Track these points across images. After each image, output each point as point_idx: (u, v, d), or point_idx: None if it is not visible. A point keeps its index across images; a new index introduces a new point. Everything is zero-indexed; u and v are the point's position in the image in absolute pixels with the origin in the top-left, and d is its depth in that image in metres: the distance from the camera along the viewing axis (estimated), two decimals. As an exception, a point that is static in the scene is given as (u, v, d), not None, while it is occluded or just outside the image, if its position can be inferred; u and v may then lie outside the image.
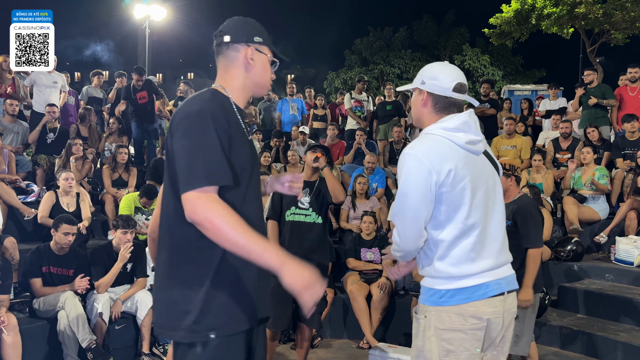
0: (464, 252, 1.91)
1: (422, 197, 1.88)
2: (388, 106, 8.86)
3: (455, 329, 1.91)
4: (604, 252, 5.82)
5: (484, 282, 1.91)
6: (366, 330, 4.84)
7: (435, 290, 1.95)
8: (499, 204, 2.03)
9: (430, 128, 1.99)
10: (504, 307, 1.96)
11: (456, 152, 1.91)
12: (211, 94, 1.73)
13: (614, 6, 15.84)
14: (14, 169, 6.24)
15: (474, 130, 1.96)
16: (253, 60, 1.80)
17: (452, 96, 1.99)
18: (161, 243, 1.74)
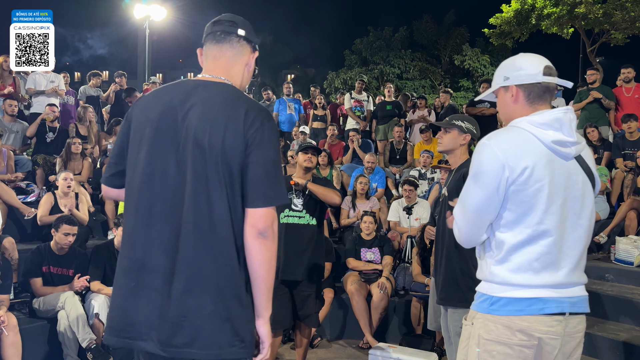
0: (527, 260, 1.71)
1: (489, 193, 1.71)
2: (388, 106, 8.87)
3: (501, 341, 1.72)
4: (604, 252, 5.82)
5: (543, 296, 1.70)
6: (366, 330, 4.84)
7: (488, 296, 1.77)
8: (584, 219, 1.79)
9: (517, 120, 1.80)
10: (564, 330, 1.73)
11: (538, 150, 1.71)
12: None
13: (614, 6, 15.85)
14: (12, 168, 6.24)
15: (567, 130, 1.74)
16: (250, 65, 1.84)
17: (544, 81, 1.80)
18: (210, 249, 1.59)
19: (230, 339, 1.56)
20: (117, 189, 1.77)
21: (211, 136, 1.58)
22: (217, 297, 1.56)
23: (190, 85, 1.72)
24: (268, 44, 37.32)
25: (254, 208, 1.58)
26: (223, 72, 1.76)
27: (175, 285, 1.56)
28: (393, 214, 6.06)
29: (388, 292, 4.98)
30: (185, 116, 1.63)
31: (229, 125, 1.59)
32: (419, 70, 30.16)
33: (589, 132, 6.97)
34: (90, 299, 4.37)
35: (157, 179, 1.61)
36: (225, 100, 1.65)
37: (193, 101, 1.65)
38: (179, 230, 1.58)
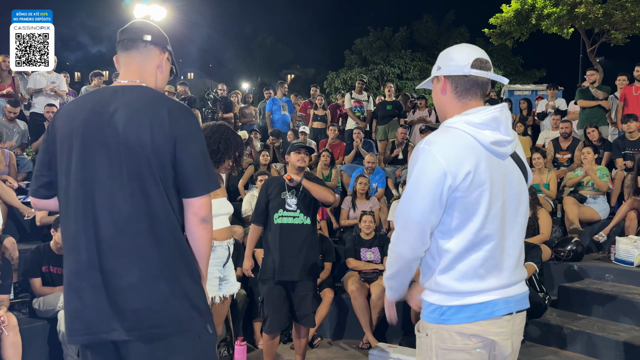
0: (471, 267, 1.68)
1: (431, 200, 1.64)
2: (388, 106, 8.86)
3: (458, 349, 1.70)
4: (604, 252, 5.82)
5: (492, 299, 1.69)
6: (366, 330, 4.84)
7: (437, 306, 1.72)
8: (521, 216, 1.78)
9: (452, 120, 1.73)
10: (512, 329, 1.75)
11: (478, 153, 1.66)
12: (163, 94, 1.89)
13: (614, 6, 15.86)
14: (15, 169, 6.22)
15: (504, 128, 1.70)
16: (162, 66, 1.95)
17: (471, 74, 1.72)
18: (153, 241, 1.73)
19: (189, 312, 1.74)
20: (45, 200, 1.87)
21: (140, 137, 1.70)
22: (171, 281, 1.72)
23: (109, 92, 1.82)
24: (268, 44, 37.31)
25: (193, 198, 1.76)
26: (136, 76, 1.88)
27: (131, 279, 1.68)
28: (393, 214, 6.06)
29: (388, 292, 4.98)
30: (110, 121, 1.72)
31: (155, 125, 1.71)
32: (419, 70, 30.17)
33: (589, 132, 6.97)
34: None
35: (92, 184, 1.71)
36: (147, 102, 1.77)
37: (115, 106, 1.75)
38: (122, 229, 1.69)
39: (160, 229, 1.72)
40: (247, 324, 4.97)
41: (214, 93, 9.81)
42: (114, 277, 1.68)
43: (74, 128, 1.75)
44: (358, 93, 9.18)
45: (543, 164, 6.62)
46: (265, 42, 37.58)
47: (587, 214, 6.05)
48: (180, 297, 1.73)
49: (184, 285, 1.75)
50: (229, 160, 3.16)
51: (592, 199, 6.14)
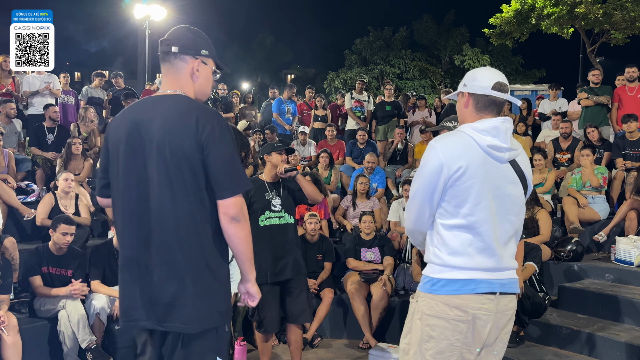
0: (461, 245, 1.99)
1: (429, 187, 2.00)
2: (388, 106, 8.86)
3: (439, 316, 2.00)
4: (604, 252, 5.81)
5: (476, 278, 1.99)
6: (366, 330, 4.84)
7: (430, 278, 2.05)
8: (513, 215, 2.08)
9: (463, 125, 2.09)
10: (496, 307, 2.01)
11: (474, 152, 2.00)
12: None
13: (614, 6, 15.87)
14: (14, 169, 6.23)
15: (503, 137, 2.02)
16: (198, 71, 2.01)
17: (491, 94, 2.06)
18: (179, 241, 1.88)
19: (210, 310, 1.90)
20: (107, 199, 2.10)
21: (171, 145, 1.85)
22: (194, 279, 1.88)
23: (150, 102, 1.99)
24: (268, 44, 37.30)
25: (223, 199, 1.87)
26: (173, 86, 2.00)
27: (158, 275, 1.87)
28: (393, 214, 6.06)
29: (388, 292, 4.98)
30: (147, 130, 1.90)
31: (185, 132, 1.85)
32: (419, 70, 30.17)
33: (589, 132, 6.96)
34: (91, 299, 4.36)
35: (134, 188, 1.91)
36: (178, 111, 1.90)
37: (152, 115, 1.91)
38: (152, 229, 1.88)
39: (184, 231, 1.86)
40: (248, 323, 4.96)
41: (214, 93, 9.81)
42: (147, 272, 1.89)
43: (120, 137, 1.95)
44: (358, 93, 9.17)
45: (544, 164, 6.63)
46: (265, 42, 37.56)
47: (587, 214, 6.05)
48: (202, 296, 1.88)
49: (206, 285, 1.89)
50: None
51: (592, 199, 6.14)
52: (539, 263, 4.77)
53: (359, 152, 7.84)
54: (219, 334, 1.95)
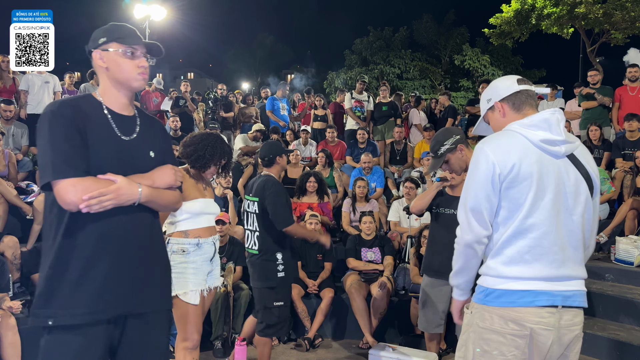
0: (518, 253, 1.83)
1: (484, 189, 1.85)
2: (384, 107, 8.87)
3: (495, 330, 1.84)
4: (604, 252, 5.81)
5: (535, 289, 1.80)
6: (366, 330, 4.83)
7: (484, 288, 1.90)
8: (577, 215, 1.89)
9: (510, 124, 1.94)
10: (559, 323, 1.82)
11: (526, 149, 1.85)
12: (75, 98, 1.94)
13: (614, 6, 15.87)
14: (15, 168, 6.21)
15: (555, 129, 1.86)
16: (103, 60, 1.94)
17: (521, 88, 1.96)
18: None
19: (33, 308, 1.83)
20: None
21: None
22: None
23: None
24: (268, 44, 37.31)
25: (50, 190, 1.81)
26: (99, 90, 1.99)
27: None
28: (393, 214, 6.06)
29: (388, 292, 4.97)
30: None
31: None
32: (419, 70, 30.18)
33: (591, 130, 6.95)
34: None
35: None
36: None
37: None
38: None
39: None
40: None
41: (214, 93, 9.82)
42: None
43: None
44: (358, 93, 9.18)
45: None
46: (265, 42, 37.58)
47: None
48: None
49: (39, 280, 1.87)
50: (214, 166, 3.36)
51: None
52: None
53: (359, 152, 7.85)
54: (44, 336, 1.81)
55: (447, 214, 3.59)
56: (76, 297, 1.78)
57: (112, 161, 1.84)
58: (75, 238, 1.79)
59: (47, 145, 1.76)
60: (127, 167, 1.87)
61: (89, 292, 1.79)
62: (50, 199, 1.82)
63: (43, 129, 1.79)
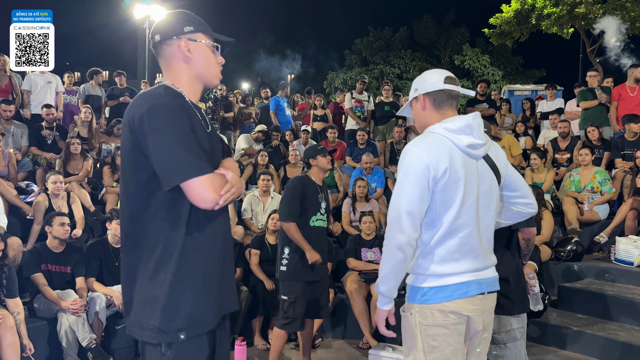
0: (448, 252, 1.94)
1: (418, 191, 1.89)
2: (386, 107, 8.87)
3: (438, 324, 1.96)
4: (604, 252, 5.81)
5: (466, 281, 1.95)
6: (366, 331, 4.83)
7: (419, 288, 2.00)
8: (492, 210, 2.06)
9: (433, 127, 2.01)
10: (484, 307, 2.02)
11: (454, 153, 1.93)
12: (164, 89, 1.73)
13: (614, 6, 15.86)
14: (14, 168, 6.21)
15: (477, 133, 1.98)
16: (190, 51, 1.78)
17: (445, 88, 2.03)
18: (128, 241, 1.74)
19: (146, 322, 1.66)
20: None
21: (122, 141, 1.74)
22: (136, 284, 1.70)
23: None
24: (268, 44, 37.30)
25: (169, 188, 1.65)
26: (166, 78, 1.82)
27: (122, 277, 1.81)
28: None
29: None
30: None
31: (125, 127, 1.69)
32: (419, 70, 30.12)
33: (589, 131, 6.95)
34: (90, 298, 4.37)
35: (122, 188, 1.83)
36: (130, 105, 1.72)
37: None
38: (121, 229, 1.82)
39: (130, 231, 1.72)
40: (247, 323, 4.96)
41: (214, 93, 9.82)
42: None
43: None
44: (359, 93, 9.18)
45: (542, 164, 6.62)
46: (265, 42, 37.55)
47: (587, 214, 6.05)
48: (141, 303, 1.67)
49: (145, 293, 1.67)
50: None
51: (591, 200, 6.13)
52: (538, 262, 4.77)
53: (359, 152, 7.84)
54: (164, 354, 1.64)
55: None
56: (204, 301, 1.69)
57: (208, 155, 1.73)
58: (197, 239, 1.68)
59: (172, 141, 1.59)
60: (215, 161, 1.79)
61: (214, 293, 1.72)
62: (161, 200, 1.65)
63: (160, 123, 1.61)
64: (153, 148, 1.59)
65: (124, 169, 1.73)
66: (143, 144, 1.62)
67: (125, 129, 1.68)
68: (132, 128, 1.64)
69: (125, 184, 1.73)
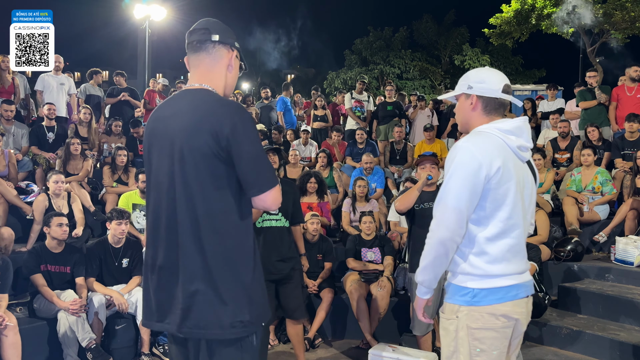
0: (501, 251, 1.92)
1: (469, 188, 1.89)
2: (389, 106, 8.87)
3: (488, 327, 1.92)
4: (604, 252, 5.82)
5: (515, 283, 1.94)
6: (366, 331, 4.83)
7: (469, 289, 1.94)
8: (530, 214, 2.07)
9: (483, 127, 2.02)
10: (527, 310, 2.02)
11: (507, 153, 1.94)
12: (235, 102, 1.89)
13: (614, 6, 15.86)
14: (15, 168, 6.21)
15: (526, 136, 2.01)
16: (231, 66, 1.92)
17: (501, 97, 2.03)
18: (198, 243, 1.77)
19: (231, 318, 1.76)
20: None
21: (189, 143, 1.75)
22: (214, 284, 1.76)
23: (177, 97, 1.89)
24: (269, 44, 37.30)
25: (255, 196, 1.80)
26: (203, 79, 1.88)
27: (180, 277, 1.79)
28: (393, 214, 6.05)
29: (388, 292, 4.97)
30: (168, 127, 1.82)
31: (201, 129, 1.73)
32: (419, 70, 30.17)
33: (589, 131, 6.95)
34: (90, 298, 4.37)
35: (162, 187, 1.84)
36: (196, 106, 1.79)
37: (175, 110, 1.83)
38: (177, 230, 1.79)
39: (204, 233, 1.76)
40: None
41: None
42: (171, 275, 1.81)
43: (150, 135, 1.90)
44: (358, 93, 9.18)
45: (542, 164, 6.62)
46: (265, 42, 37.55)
47: (587, 214, 6.05)
48: (222, 302, 1.76)
49: (227, 291, 1.76)
50: None
51: (591, 200, 6.13)
52: (538, 263, 4.77)
53: (358, 152, 7.84)
54: (244, 347, 1.80)
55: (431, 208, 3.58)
56: (263, 294, 1.88)
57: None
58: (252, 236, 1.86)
59: (262, 153, 1.79)
60: None
61: (264, 286, 1.90)
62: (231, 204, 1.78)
63: (253, 134, 1.78)
64: (247, 157, 1.74)
65: (193, 173, 1.75)
66: (232, 151, 1.72)
67: (205, 135, 1.72)
68: (220, 136, 1.71)
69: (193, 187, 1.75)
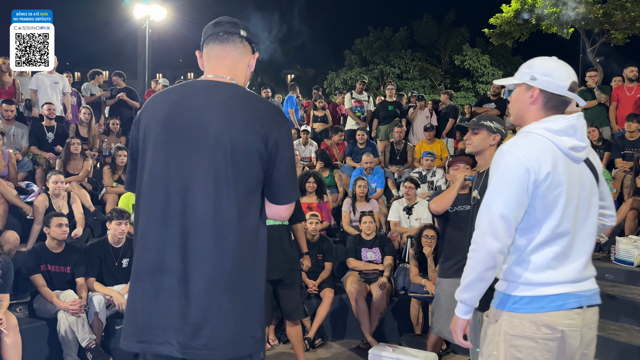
0: (545, 260, 1.81)
1: (516, 195, 1.77)
2: (390, 106, 8.87)
3: (527, 336, 1.81)
4: (604, 252, 5.81)
5: (564, 292, 1.81)
6: (366, 331, 4.83)
7: (510, 295, 1.85)
8: (592, 217, 1.92)
9: (531, 127, 1.86)
10: (583, 322, 1.85)
11: (557, 156, 1.80)
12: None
13: (614, 6, 15.87)
14: (14, 168, 6.21)
15: (580, 135, 1.84)
16: (251, 66, 1.85)
17: (566, 95, 1.85)
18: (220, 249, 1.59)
19: (245, 334, 1.61)
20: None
21: (234, 138, 1.60)
22: (232, 297, 1.59)
23: (199, 86, 1.72)
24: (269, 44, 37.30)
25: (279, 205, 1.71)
26: (227, 72, 1.75)
27: (193, 286, 1.56)
28: (393, 214, 6.06)
29: (388, 292, 4.98)
30: (201, 118, 1.62)
31: (249, 127, 1.61)
32: (419, 70, 30.19)
33: (589, 131, 6.95)
34: (90, 298, 4.37)
35: (170, 179, 1.61)
36: (241, 101, 1.67)
37: (205, 101, 1.65)
38: (189, 232, 1.58)
39: (228, 238, 1.58)
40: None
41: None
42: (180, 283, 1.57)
43: (158, 121, 1.65)
44: (358, 93, 9.18)
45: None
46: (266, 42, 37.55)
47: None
48: (238, 317, 1.60)
49: (244, 305, 1.61)
50: None
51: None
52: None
53: (358, 152, 7.84)
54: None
55: (466, 211, 3.52)
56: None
57: None
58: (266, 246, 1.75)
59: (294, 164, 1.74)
60: None
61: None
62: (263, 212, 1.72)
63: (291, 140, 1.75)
64: (288, 164, 1.68)
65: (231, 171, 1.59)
66: (277, 155, 1.64)
67: (254, 135, 1.61)
68: (269, 138, 1.63)
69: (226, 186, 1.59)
